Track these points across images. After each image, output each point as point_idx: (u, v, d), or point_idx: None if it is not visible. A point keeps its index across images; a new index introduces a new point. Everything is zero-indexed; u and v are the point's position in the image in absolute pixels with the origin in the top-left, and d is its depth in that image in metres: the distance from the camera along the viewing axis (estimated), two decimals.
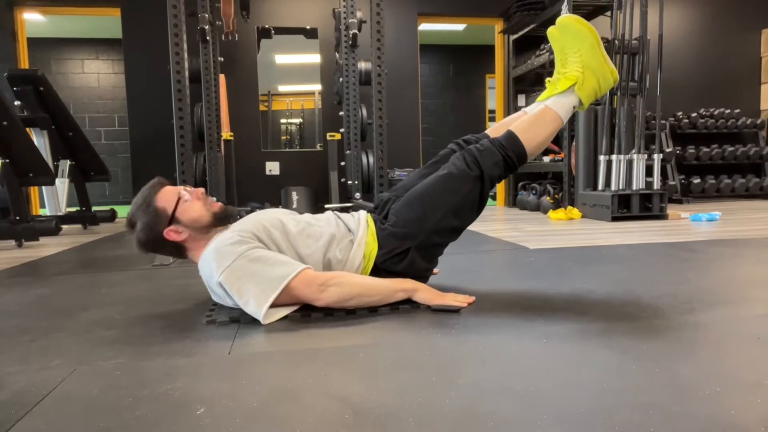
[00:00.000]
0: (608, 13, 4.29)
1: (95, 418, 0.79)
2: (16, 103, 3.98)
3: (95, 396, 0.87)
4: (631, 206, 3.64)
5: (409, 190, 1.49)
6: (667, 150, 4.99)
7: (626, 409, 0.76)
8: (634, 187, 3.66)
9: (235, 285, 1.25)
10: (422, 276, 1.48)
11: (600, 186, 3.77)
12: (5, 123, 3.10)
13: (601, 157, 3.77)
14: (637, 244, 2.50)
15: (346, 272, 1.39)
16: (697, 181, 5.21)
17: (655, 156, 3.74)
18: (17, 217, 3.16)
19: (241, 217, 1.47)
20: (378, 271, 1.42)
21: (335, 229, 1.44)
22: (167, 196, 1.38)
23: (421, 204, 1.43)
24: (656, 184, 3.74)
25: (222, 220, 1.42)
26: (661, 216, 3.65)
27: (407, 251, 1.41)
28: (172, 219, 1.36)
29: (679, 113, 5.45)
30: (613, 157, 3.70)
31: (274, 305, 1.25)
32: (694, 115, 5.43)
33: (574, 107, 1.48)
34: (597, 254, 2.20)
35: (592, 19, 4.80)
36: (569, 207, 4.01)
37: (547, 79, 1.52)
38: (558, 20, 1.50)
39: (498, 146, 1.44)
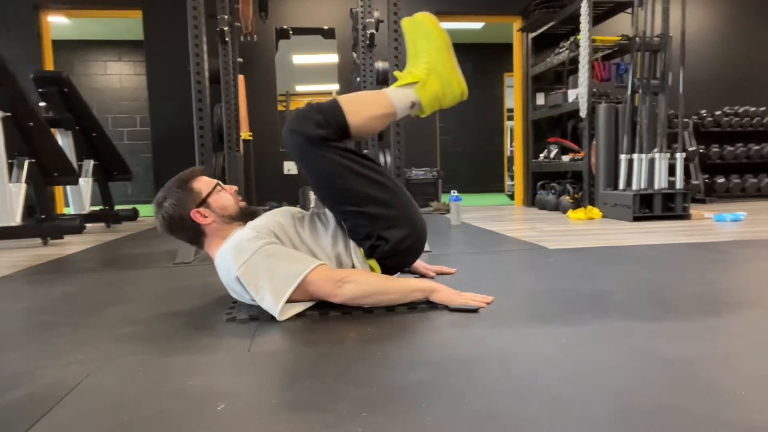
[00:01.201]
0: (629, 10, 4.22)
1: (119, 411, 0.80)
2: (42, 104, 4.07)
3: (119, 390, 0.89)
4: (653, 206, 3.58)
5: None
6: (690, 149, 4.90)
7: (648, 412, 0.75)
8: (656, 187, 3.60)
9: (252, 280, 1.27)
10: (418, 236, 1.46)
11: (621, 185, 3.71)
12: (31, 124, 3.17)
13: (622, 156, 3.71)
14: (659, 244, 2.46)
15: (363, 270, 1.40)
16: (721, 180, 5.11)
17: (678, 155, 3.67)
18: (43, 216, 3.23)
19: (258, 215, 1.49)
20: (384, 265, 1.43)
21: (336, 224, 1.46)
22: (205, 181, 1.45)
23: (343, 211, 1.41)
24: (679, 183, 3.68)
25: (246, 216, 1.45)
26: (684, 216, 3.58)
27: (380, 237, 1.40)
28: (204, 202, 1.40)
29: (703, 111, 5.35)
30: (635, 156, 3.65)
31: (290, 301, 1.26)
32: (718, 113, 5.33)
33: (412, 103, 1.43)
34: (618, 254, 2.17)
35: (613, 16, 4.73)
36: (589, 207, 3.96)
37: (395, 72, 1.49)
38: (414, 15, 1.47)
39: (314, 107, 1.38)
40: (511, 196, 6.60)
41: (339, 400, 0.82)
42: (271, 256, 1.28)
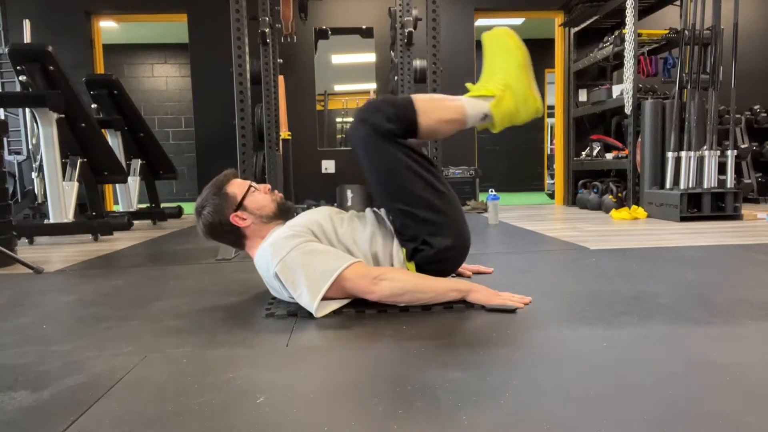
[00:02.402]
0: (677, 2, 4.07)
1: (164, 402, 0.83)
2: (93, 106, 4.26)
3: (164, 381, 0.92)
4: (702, 206, 3.44)
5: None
6: (743, 146, 4.68)
7: (692, 418, 0.73)
8: (706, 186, 3.46)
9: (290, 277, 1.29)
10: (462, 246, 1.45)
11: (668, 184, 3.58)
12: (84, 125, 3.32)
13: (670, 154, 3.58)
14: (708, 245, 2.36)
15: (398, 268, 1.41)
16: None
17: (729, 152, 3.52)
18: (93, 213, 3.38)
19: (296, 214, 1.52)
20: (421, 267, 1.42)
21: (376, 224, 1.47)
22: (239, 184, 1.48)
23: (393, 208, 1.41)
24: (730, 182, 3.52)
25: (283, 212, 1.48)
26: (735, 216, 3.42)
27: (425, 242, 1.39)
28: (240, 205, 1.43)
29: (756, 107, 5.09)
30: (683, 153, 3.51)
31: (326, 298, 1.28)
32: None
33: (485, 116, 1.40)
34: (664, 256, 2.10)
35: (660, 9, 4.56)
36: (633, 206, 3.84)
37: (468, 83, 1.45)
38: (493, 30, 1.43)
39: (387, 101, 1.37)
40: (551, 195, 6.46)
41: (374, 396, 0.83)
42: (308, 254, 1.30)
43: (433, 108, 1.39)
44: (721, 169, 3.53)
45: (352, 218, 1.50)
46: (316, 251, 1.31)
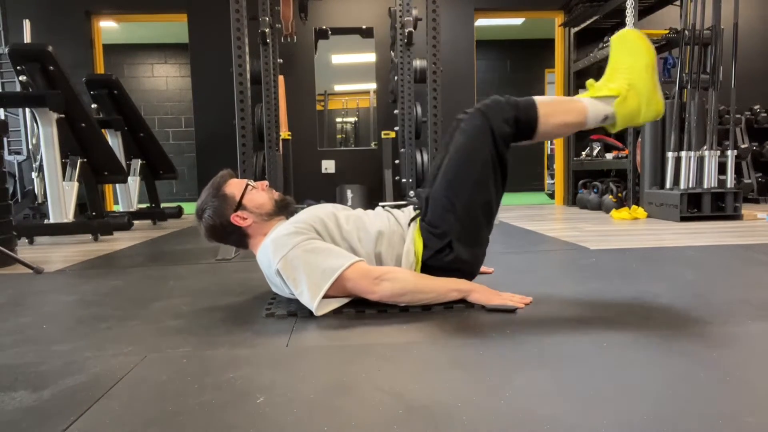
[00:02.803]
0: (677, 2, 4.06)
1: (164, 402, 0.83)
2: (93, 106, 4.26)
3: (164, 382, 0.92)
4: (702, 206, 3.44)
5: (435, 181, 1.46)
6: (743, 146, 4.68)
7: (693, 418, 0.73)
8: (706, 186, 3.46)
9: (291, 275, 1.29)
10: (471, 269, 1.45)
11: (668, 184, 3.58)
12: (84, 125, 3.32)
13: (670, 154, 3.58)
14: (708, 245, 2.36)
15: (400, 268, 1.40)
16: None
17: (729, 152, 3.52)
18: (93, 213, 3.38)
19: (297, 212, 1.51)
20: (427, 268, 1.42)
21: (386, 224, 1.45)
22: (236, 184, 1.47)
23: (445, 195, 1.39)
24: (730, 182, 3.52)
25: (282, 208, 1.48)
26: (736, 216, 3.42)
27: (450, 245, 1.39)
28: (239, 205, 1.43)
29: (756, 107, 5.09)
30: (683, 153, 3.51)
31: (327, 296, 1.28)
32: None
33: (606, 117, 1.39)
34: (664, 256, 2.10)
35: (660, 9, 4.56)
36: (633, 206, 3.84)
37: (589, 81, 1.44)
38: (620, 31, 1.43)
39: (511, 103, 1.37)
40: (551, 195, 6.46)
41: (374, 396, 0.83)
42: (310, 252, 1.30)
43: (555, 112, 1.39)
44: (721, 169, 3.53)
45: (360, 216, 1.48)
46: (317, 249, 1.31)
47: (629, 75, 1.39)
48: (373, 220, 1.47)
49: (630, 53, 1.40)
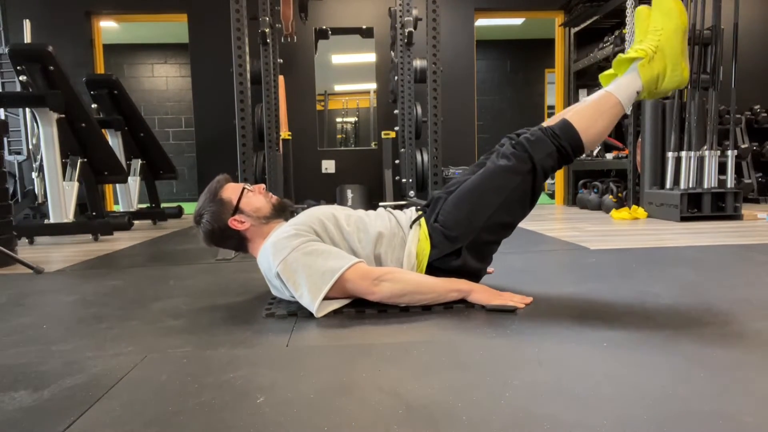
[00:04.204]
0: None
1: (164, 402, 0.83)
2: (93, 106, 4.26)
3: (164, 381, 0.92)
4: (702, 206, 3.44)
5: (458, 188, 1.47)
6: (743, 146, 4.68)
7: (693, 418, 0.73)
8: (706, 186, 3.46)
9: (291, 277, 1.29)
10: (476, 275, 1.47)
11: (668, 184, 3.58)
12: (84, 125, 3.32)
13: (670, 154, 3.58)
14: (708, 245, 2.36)
15: (400, 268, 1.40)
16: None
17: (729, 152, 3.52)
18: (94, 213, 3.38)
19: (296, 213, 1.51)
20: (432, 269, 1.42)
21: (387, 225, 1.45)
22: (232, 189, 1.48)
23: (469, 202, 1.40)
24: (730, 182, 3.52)
25: (280, 211, 1.48)
26: (736, 216, 3.42)
27: (459, 251, 1.40)
28: (236, 209, 1.43)
29: (757, 107, 5.09)
30: (683, 153, 3.51)
31: (327, 298, 1.28)
32: None
33: (637, 92, 1.39)
34: (664, 256, 2.10)
35: None
36: (634, 206, 3.84)
37: (620, 55, 1.42)
38: None
39: (551, 135, 1.38)
40: (551, 195, 6.46)
41: (374, 396, 0.83)
42: (310, 254, 1.30)
43: (594, 120, 1.39)
44: (722, 169, 3.53)
45: (361, 217, 1.48)
46: (317, 251, 1.31)
47: (658, 37, 1.37)
48: (374, 221, 1.46)
49: (662, 14, 1.39)
